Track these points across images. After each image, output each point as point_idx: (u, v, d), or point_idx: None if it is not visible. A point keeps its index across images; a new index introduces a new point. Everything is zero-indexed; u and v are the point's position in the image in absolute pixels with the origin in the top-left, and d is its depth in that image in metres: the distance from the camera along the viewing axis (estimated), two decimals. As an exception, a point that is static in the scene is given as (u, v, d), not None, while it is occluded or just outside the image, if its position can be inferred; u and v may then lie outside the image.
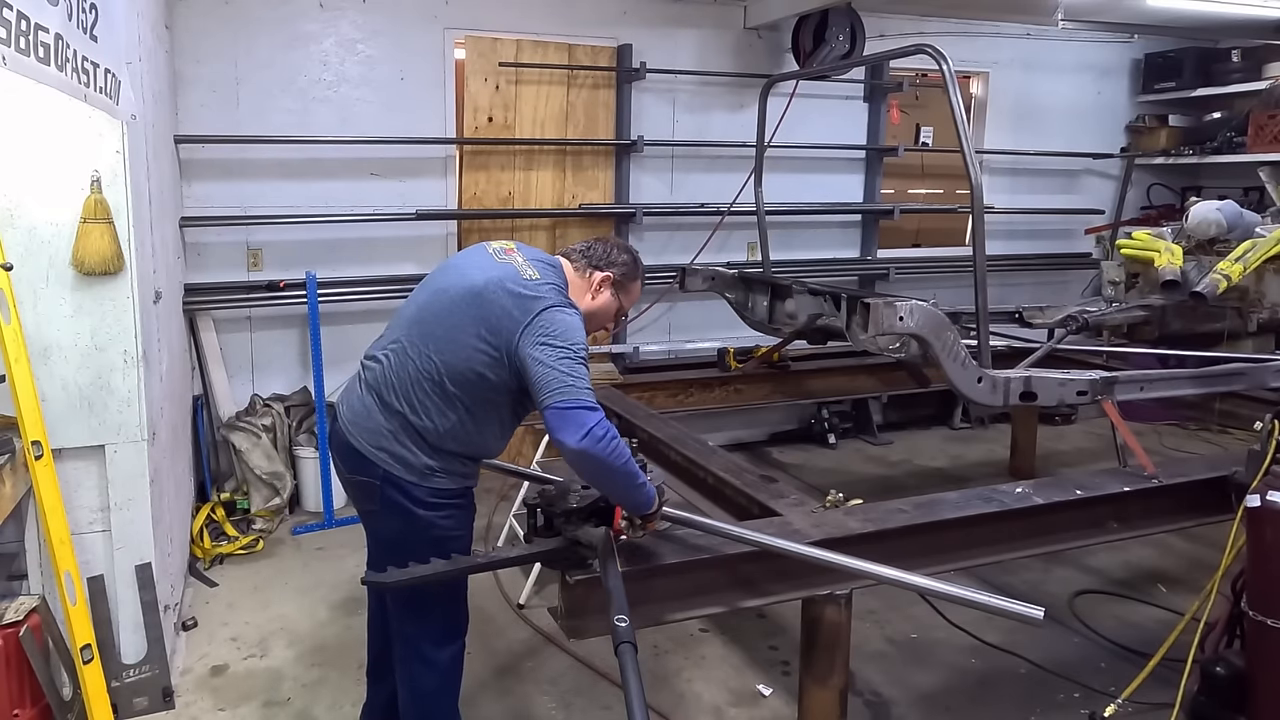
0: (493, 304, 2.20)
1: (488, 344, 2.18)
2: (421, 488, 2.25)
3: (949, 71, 3.05)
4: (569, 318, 2.20)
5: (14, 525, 2.83)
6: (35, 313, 2.79)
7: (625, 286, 2.47)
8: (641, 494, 2.26)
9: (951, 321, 3.08)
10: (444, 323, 2.24)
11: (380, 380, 2.29)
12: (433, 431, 2.24)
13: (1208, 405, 4.20)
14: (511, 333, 2.16)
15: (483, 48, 5.20)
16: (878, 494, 2.90)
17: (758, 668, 3.43)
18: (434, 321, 2.26)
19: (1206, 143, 6.71)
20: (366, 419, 2.28)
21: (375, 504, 2.30)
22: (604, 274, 2.42)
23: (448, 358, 2.21)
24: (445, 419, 2.23)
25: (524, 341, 2.14)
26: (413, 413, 2.23)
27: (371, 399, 2.29)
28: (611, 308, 2.47)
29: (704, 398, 4.99)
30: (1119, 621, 3.76)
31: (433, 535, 2.27)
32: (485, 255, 2.37)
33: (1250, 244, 3.81)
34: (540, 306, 2.18)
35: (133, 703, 3.04)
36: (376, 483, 2.27)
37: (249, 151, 4.78)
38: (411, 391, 2.24)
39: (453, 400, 2.22)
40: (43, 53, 1.87)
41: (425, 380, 2.22)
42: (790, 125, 5.46)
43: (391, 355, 2.30)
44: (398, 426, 2.24)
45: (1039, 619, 1.96)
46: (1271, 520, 2.51)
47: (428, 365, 2.23)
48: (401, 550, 2.22)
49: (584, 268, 2.43)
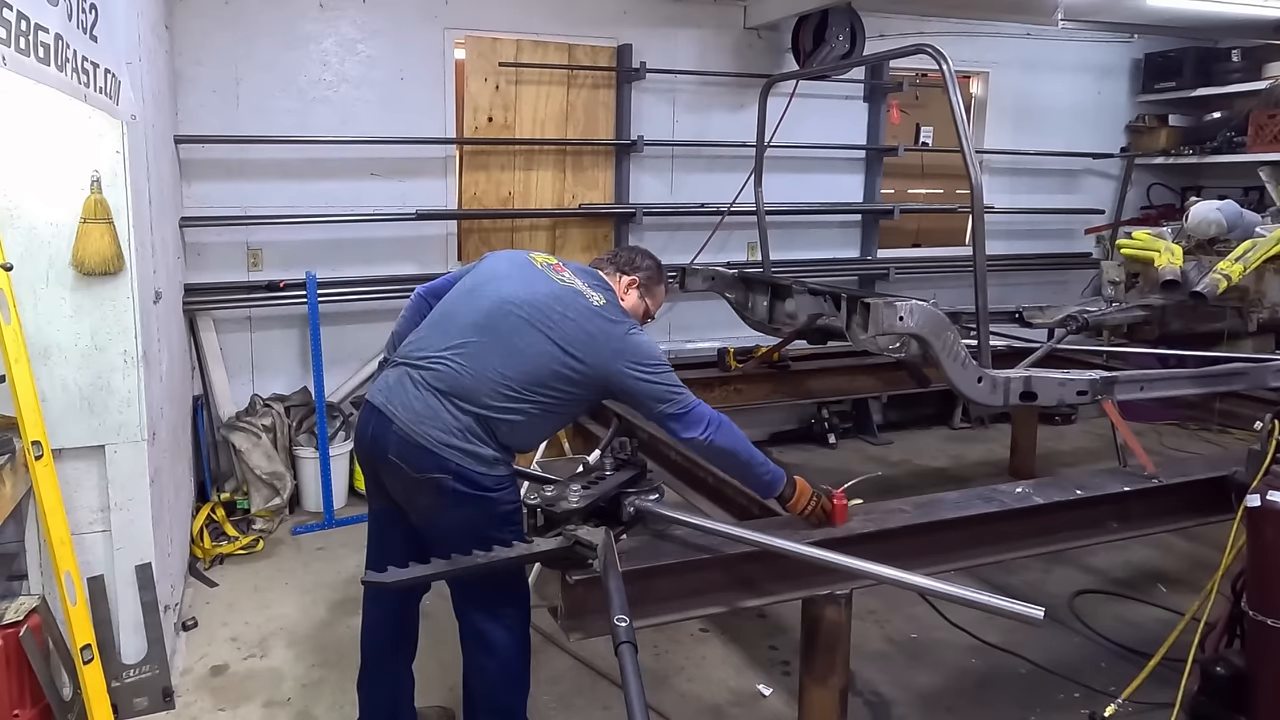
0: (573, 329, 2.41)
1: (575, 360, 2.40)
2: (490, 476, 2.41)
3: (949, 71, 3.04)
4: (646, 339, 2.51)
5: (14, 525, 2.83)
6: (35, 313, 2.79)
7: (650, 289, 2.73)
8: (767, 474, 2.54)
9: (951, 321, 3.08)
10: (523, 340, 2.41)
11: (450, 382, 2.40)
12: (504, 431, 2.41)
13: (1208, 405, 4.20)
14: (603, 357, 2.41)
15: (483, 48, 5.20)
16: (878, 494, 2.89)
17: (758, 668, 3.43)
18: (510, 334, 2.42)
19: (1206, 142, 6.71)
20: (433, 419, 2.38)
21: (447, 498, 2.39)
22: (630, 278, 2.69)
23: (528, 369, 2.40)
24: (517, 421, 2.42)
25: (620, 366, 2.41)
26: (488, 415, 2.39)
27: (436, 400, 2.39)
28: (639, 309, 2.70)
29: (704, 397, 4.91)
30: (1119, 621, 3.76)
31: (502, 511, 2.45)
32: (535, 270, 2.57)
33: (1250, 244, 3.81)
34: (622, 332, 2.45)
35: (133, 703, 3.04)
36: (449, 477, 2.37)
37: (249, 151, 4.78)
38: (487, 397, 2.39)
39: (526, 408, 2.41)
40: (43, 53, 1.87)
41: (503, 387, 2.39)
42: (790, 125, 5.44)
43: (459, 359, 2.42)
44: (469, 425, 2.38)
45: (1039, 619, 1.96)
46: (1271, 520, 2.51)
47: (504, 374, 2.39)
48: (475, 534, 2.36)
49: (613, 273, 2.69)
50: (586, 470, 2.65)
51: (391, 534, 2.63)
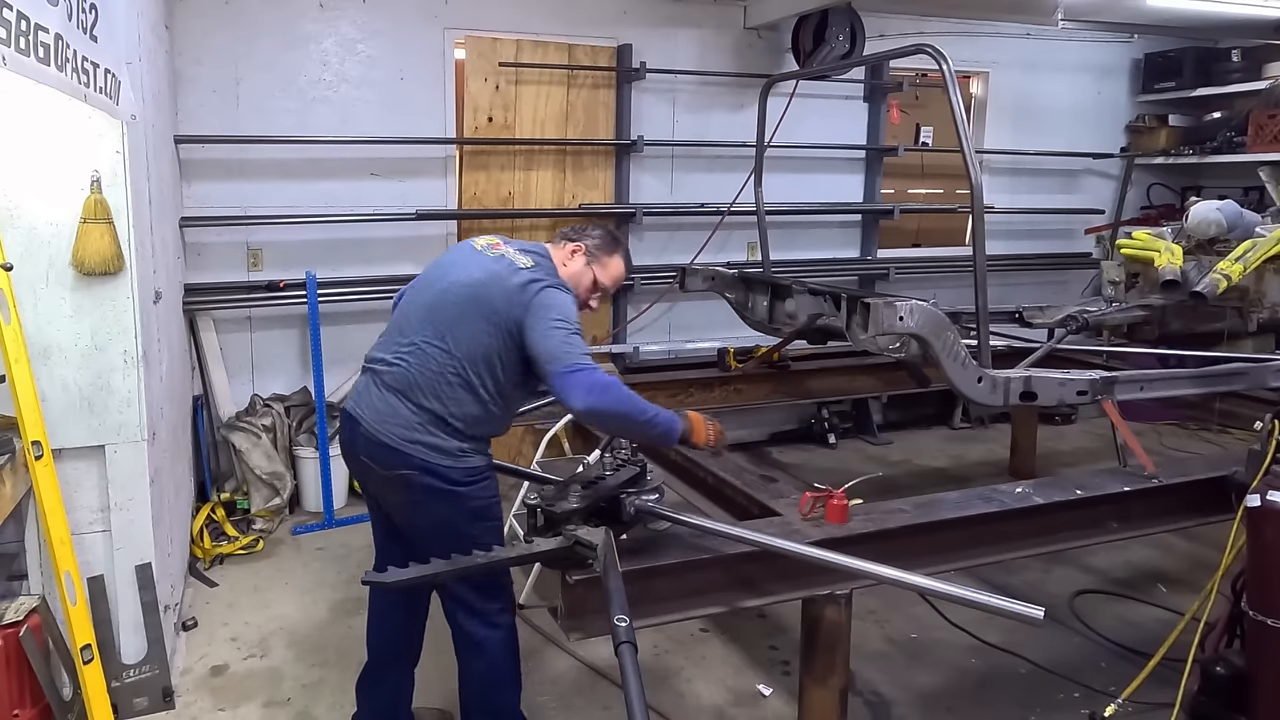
0: (497, 293, 2.41)
1: (497, 327, 2.39)
2: (457, 469, 2.42)
3: (949, 71, 3.04)
4: (562, 295, 2.44)
5: (14, 525, 2.83)
6: (35, 313, 2.78)
7: (598, 258, 2.65)
8: (659, 426, 2.45)
9: (951, 321, 3.08)
10: (459, 321, 2.42)
11: (403, 380, 2.43)
12: (462, 419, 2.41)
13: (1208, 405, 4.20)
14: (515, 313, 2.38)
15: (483, 48, 5.20)
16: (878, 494, 2.89)
17: (758, 668, 3.43)
18: (450, 321, 2.43)
19: (1206, 142, 6.71)
20: (394, 416, 2.41)
21: (416, 494, 2.42)
22: (575, 244, 2.64)
23: (469, 349, 2.41)
24: (473, 407, 2.42)
25: (525, 316, 2.37)
26: (442, 405, 2.40)
27: (395, 398, 2.43)
28: (585, 277, 2.63)
29: (704, 398, 4.99)
30: (1119, 621, 3.76)
31: (473, 507, 2.46)
32: (475, 253, 2.56)
33: (1250, 244, 3.81)
34: (539, 286, 2.41)
35: (133, 703, 3.04)
36: (415, 472, 2.39)
37: (249, 151, 4.78)
38: (438, 386, 2.41)
39: (476, 389, 2.42)
40: (43, 53, 1.87)
41: (450, 374, 2.41)
42: (790, 125, 5.46)
43: (410, 357, 2.45)
44: (428, 419, 2.40)
45: (1039, 619, 1.96)
46: (1271, 520, 2.51)
47: (450, 361, 2.41)
48: (448, 530, 2.39)
49: (559, 242, 2.68)
50: (586, 470, 2.65)
51: (392, 541, 2.66)
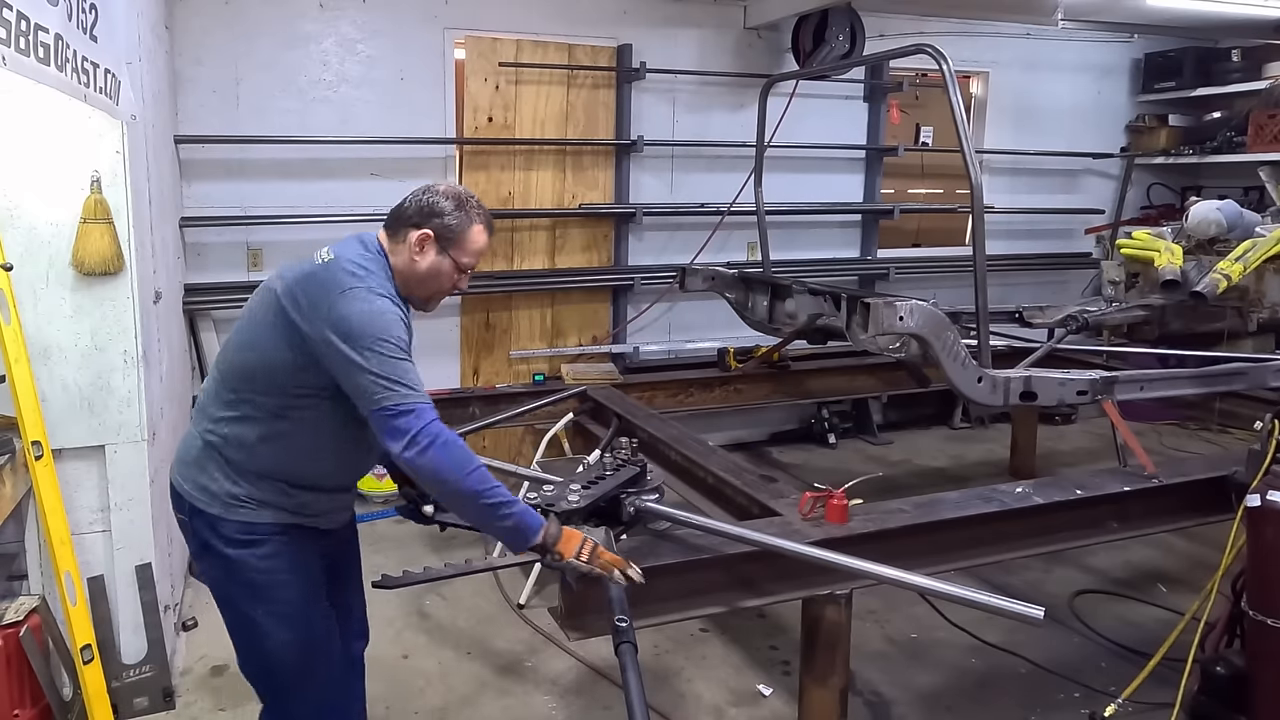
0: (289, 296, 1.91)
1: (284, 335, 1.89)
2: (228, 522, 1.92)
3: (949, 71, 3.05)
4: (376, 301, 1.86)
5: (14, 525, 2.83)
6: (35, 313, 2.79)
7: (454, 239, 2.02)
8: (508, 514, 1.90)
9: (951, 321, 3.08)
10: (245, 330, 1.99)
11: (198, 404, 2.07)
12: (233, 449, 1.93)
13: (1208, 405, 4.20)
14: (311, 322, 1.86)
15: (483, 48, 5.20)
16: (878, 494, 2.89)
17: (758, 668, 3.43)
18: (239, 329, 2.02)
19: (1206, 142, 6.70)
20: (182, 447, 2.05)
21: (192, 545, 2.00)
22: (421, 231, 2.02)
23: (246, 357, 1.94)
24: (248, 432, 1.92)
25: (325, 331, 1.83)
26: (212, 431, 1.95)
27: (190, 425, 2.07)
28: (443, 268, 2.03)
29: (704, 398, 5.00)
30: (1119, 621, 3.76)
31: (245, 579, 1.92)
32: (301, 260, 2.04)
33: (1250, 244, 3.81)
34: (340, 289, 1.86)
35: (133, 703, 3.04)
36: (186, 518, 1.99)
37: (249, 151, 4.78)
38: (212, 404, 1.98)
39: (254, 409, 1.92)
40: (43, 53, 1.87)
41: (226, 390, 1.95)
42: (790, 125, 5.46)
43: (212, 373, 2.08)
44: (201, 451, 1.96)
45: (1039, 619, 1.96)
46: (1271, 520, 2.51)
47: (227, 372, 1.98)
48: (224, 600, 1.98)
49: (396, 231, 2.04)
50: (586, 470, 2.65)
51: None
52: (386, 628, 3.59)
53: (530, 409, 4.21)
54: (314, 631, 2.03)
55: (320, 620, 2.05)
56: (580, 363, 5.53)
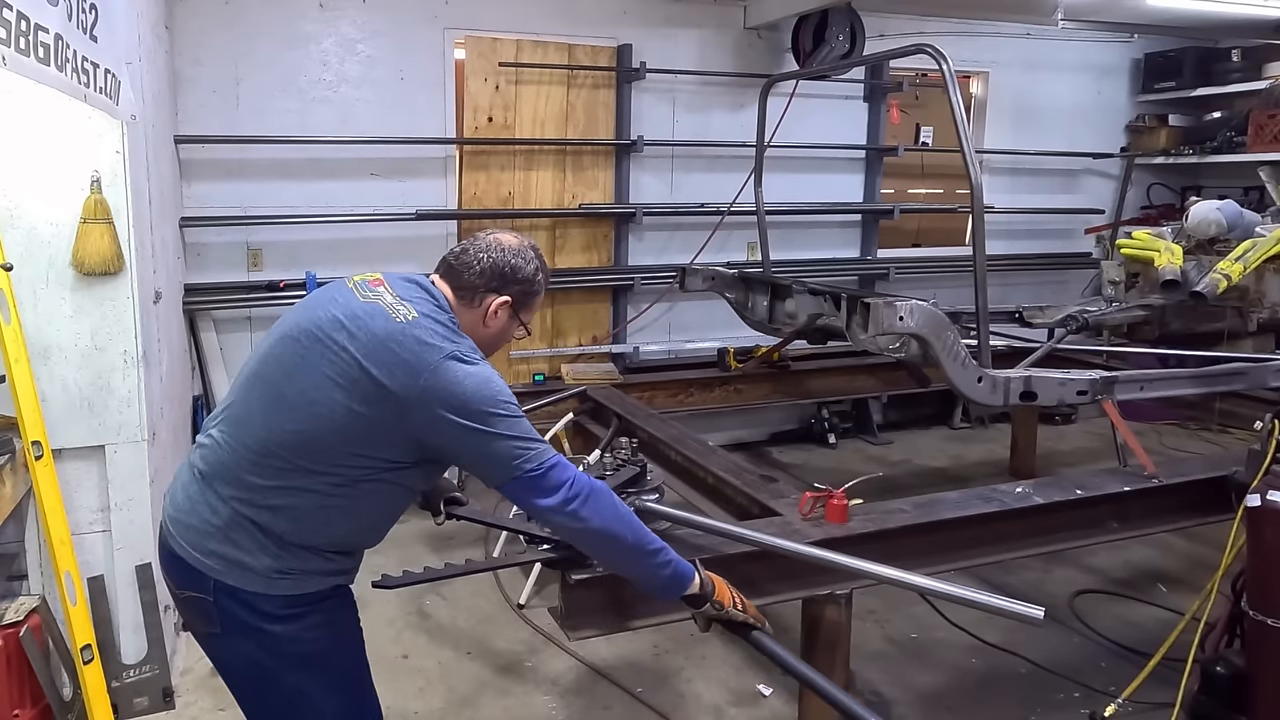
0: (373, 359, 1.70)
1: (364, 405, 1.69)
2: (271, 598, 1.75)
3: (949, 71, 3.05)
4: (475, 369, 1.74)
5: (14, 525, 2.83)
6: (35, 313, 2.79)
7: (527, 304, 1.96)
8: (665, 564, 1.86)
9: (951, 321, 3.08)
10: (292, 381, 1.74)
11: (211, 462, 1.79)
12: (282, 521, 1.74)
13: (1208, 405, 4.21)
14: (403, 396, 1.69)
15: (483, 48, 5.20)
16: (878, 494, 2.89)
17: (758, 668, 3.43)
18: (282, 379, 1.76)
19: (1206, 142, 6.70)
20: (190, 514, 1.78)
21: (214, 625, 1.79)
22: (501, 298, 1.89)
23: (305, 425, 1.71)
24: (304, 503, 1.74)
25: (431, 410, 1.69)
26: (250, 502, 1.74)
27: (198, 488, 1.80)
28: (509, 331, 1.96)
29: (704, 398, 5.00)
30: (1119, 621, 3.76)
31: (295, 652, 1.79)
32: (345, 290, 1.85)
33: (1250, 244, 3.80)
34: (437, 358, 1.71)
35: (133, 703, 3.04)
36: (209, 597, 1.76)
37: (249, 151, 4.78)
38: (249, 472, 1.74)
39: (314, 480, 1.73)
40: (43, 53, 1.88)
41: (272, 458, 1.73)
42: (790, 125, 5.46)
43: (223, 425, 1.82)
44: (230, 521, 1.75)
45: (1039, 619, 1.96)
46: (1271, 520, 2.51)
47: (275, 437, 1.73)
48: (259, 676, 1.81)
49: (471, 294, 1.89)
50: (587, 470, 2.65)
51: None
52: (386, 628, 3.60)
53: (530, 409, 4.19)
54: (365, 687, 1.96)
55: (369, 673, 1.98)
56: (580, 363, 5.53)
